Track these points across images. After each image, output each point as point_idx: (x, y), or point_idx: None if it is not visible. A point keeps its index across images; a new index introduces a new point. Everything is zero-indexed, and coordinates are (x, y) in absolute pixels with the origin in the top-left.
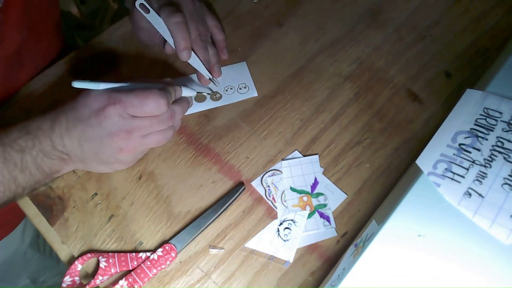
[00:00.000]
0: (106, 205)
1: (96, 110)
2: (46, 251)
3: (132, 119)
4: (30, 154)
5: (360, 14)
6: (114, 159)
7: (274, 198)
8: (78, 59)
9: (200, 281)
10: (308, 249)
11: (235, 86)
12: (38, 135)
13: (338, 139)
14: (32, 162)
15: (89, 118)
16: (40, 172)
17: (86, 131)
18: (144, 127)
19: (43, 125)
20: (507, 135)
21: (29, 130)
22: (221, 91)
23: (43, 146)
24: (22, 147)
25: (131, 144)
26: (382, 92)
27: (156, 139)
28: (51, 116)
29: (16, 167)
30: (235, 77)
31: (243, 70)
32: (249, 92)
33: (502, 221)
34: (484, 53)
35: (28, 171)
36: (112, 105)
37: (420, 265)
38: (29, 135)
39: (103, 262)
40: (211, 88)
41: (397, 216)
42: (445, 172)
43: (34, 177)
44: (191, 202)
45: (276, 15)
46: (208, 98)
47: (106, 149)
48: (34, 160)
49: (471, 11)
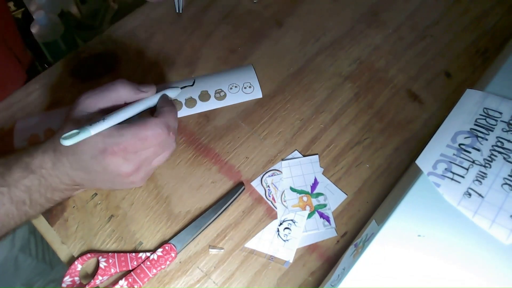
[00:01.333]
0: (106, 205)
1: (95, 156)
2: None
3: (135, 155)
4: (38, 192)
5: (360, 14)
6: (126, 186)
7: (274, 198)
8: (78, 59)
9: (200, 281)
10: (308, 249)
11: (240, 85)
12: (43, 174)
13: (338, 139)
14: (41, 197)
15: (91, 163)
16: (51, 202)
17: (93, 173)
18: (149, 157)
19: (45, 164)
20: (507, 135)
21: (32, 169)
22: (226, 89)
23: (50, 183)
24: (28, 187)
25: (141, 175)
26: (382, 92)
27: (164, 158)
28: (50, 156)
29: (24, 205)
30: (240, 76)
31: (249, 71)
32: (254, 93)
33: (502, 221)
34: (484, 53)
35: (38, 205)
36: (110, 151)
37: (420, 265)
38: (34, 175)
39: (103, 262)
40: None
41: (397, 216)
42: (445, 172)
43: (45, 207)
44: (191, 202)
45: (276, 15)
46: (213, 97)
47: (118, 183)
48: (43, 196)
49: (471, 11)
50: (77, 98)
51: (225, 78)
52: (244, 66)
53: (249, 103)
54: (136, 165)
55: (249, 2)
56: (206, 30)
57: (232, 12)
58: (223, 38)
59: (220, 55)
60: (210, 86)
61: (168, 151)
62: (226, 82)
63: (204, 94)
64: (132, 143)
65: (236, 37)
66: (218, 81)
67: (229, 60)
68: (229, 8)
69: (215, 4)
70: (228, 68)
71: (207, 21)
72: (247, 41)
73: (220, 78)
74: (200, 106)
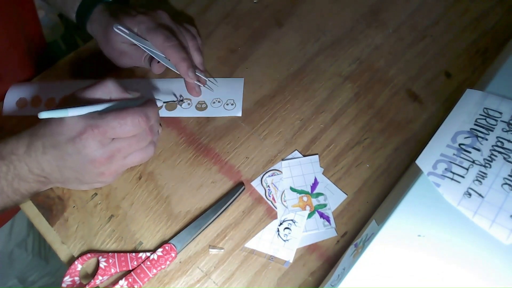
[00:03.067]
0: (106, 205)
1: (72, 138)
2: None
3: (111, 143)
4: (5, 179)
5: (360, 14)
6: (94, 180)
7: (274, 198)
8: (78, 59)
9: (200, 281)
10: (308, 249)
11: (223, 101)
12: (13, 160)
13: (338, 139)
14: (8, 186)
15: (66, 146)
16: (18, 195)
17: (64, 158)
18: (124, 148)
19: (17, 150)
20: (507, 135)
21: (2, 155)
22: (209, 103)
23: (18, 171)
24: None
25: (113, 168)
26: (382, 92)
27: (139, 157)
28: (25, 140)
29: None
30: (226, 91)
31: (237, 86)
32: (234, 110)
33: (502, 221)
34: (484, 53)
35: (5, 194)
36: (89, 132)
37: (420, 265)
38: (3, 161)
39: (103, 262)
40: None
41: (397, 216)
42: (445, 172)
43: (12, 199)
44: (191, 202)
45: (276, 15)
46: (193, 106)
47: (87, 174)
48: (10, 184)
49: (471, 11)
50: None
51: (210, 90)
52: (236, 80)
53: (249, 103)
54: (109, 153)
55: (249, 2)
56: (206, 30)
57: (232, 12)
58: (223, 38)
59: (220, 55)
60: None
61: (145, 153)
62: (211, 95)
63: (187, 101)
64: (111, 127)
65: (236, 37)
66: (204, 92)
67: (229, 60)
68: (229, 8)
69: (215, 4)
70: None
71: (207, 21)
72: (247, 41)
73: (206, 89)
74: (179, 111)
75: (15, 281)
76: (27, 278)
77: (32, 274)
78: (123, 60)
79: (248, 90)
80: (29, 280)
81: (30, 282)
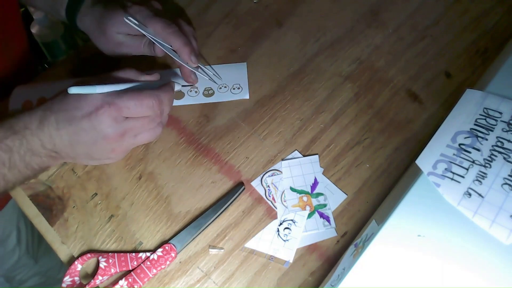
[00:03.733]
0: (106, 205)
1: (89, 113)
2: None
3: (125, 121)
4: (18, 153)
5: (360, 14)
6: (105, 156)
7: (274, 198)
8: (78, 59)
9: (200, 281)
10: (308, 249)
11: (229, 85)
12: (26, 135)
13: (338, 139)
14: (21, 161)
15: (81, 121)
16: (29, 169)
17: (78, 133)
18: (136, 127)
19: (30, 124)
20: (507, 135)
21: (15, 129)
22: (215, 88)
23: (31, 145)
24: (10, 147)
25: (124, 145)
26: (382, 92)
27: (147, 137)
28: (38, 115)
29: (4, 166)
30: (231, 76)
31: (241, 71)
32: (242, 93)
33: (502, 221)
34: (484, 53)
35: (16, 169)
36: (106, 108)
37: (420, 265)
38: (16, 135)
39: (103, 262)
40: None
41: (397, 216)
42: (445, 172)
43: (23, 174)
44: (191, 202)
45: (276, 15)
46: (200, 93)
47: (98, 149)
48: (22, 159)
49: (471, 11)
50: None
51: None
52: (238, 65)
53: (249, 103)
54: (122, 130)
55: (249, 2)
56: (206, 30)
57: (232, 12)
58: (223, 38)
59: (220, 55)
60: (200, 83)
61: (154, 132)
62: (217, 81)
63: (194, 89)
64: (127, 106)
65: (236, 37)
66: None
67: (229, 60)
68: (229, 8)
69: (215, 4)
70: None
71: (207, 21)
72: (247, 41)
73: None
74: (186, 99)
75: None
76: (15, 277)
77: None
78: (121, 50)
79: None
80: (17, 279)
81: (17, 281)
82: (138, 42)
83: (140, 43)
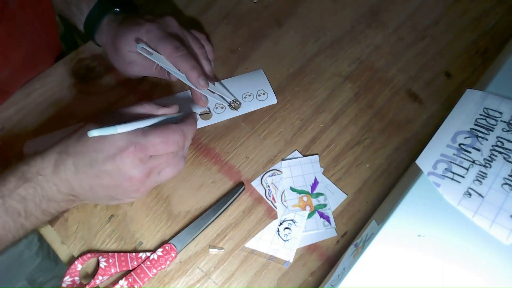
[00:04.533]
0: (106, 205)
1: (113, 155)
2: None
3: (150, 160)
4: (33, 202)
5: (360, 14)
6: (127, 196)
7: (274, 198)
8: (78, 59)
9: (200, 281)
10: (308, 249)
11: (253, 93)
12: (40, 181)
13: (338, 139)
14: (37, 209)
15: (104, 164)
16: (47, 215)
17: (101, 176)
18: (160, 165)
19: (44, 170)
20: (507, 135)
21: (27, 177)
22: (240, 99)
23: (46, 192)
24: (23, 196)
25: (148, 184)
26: (382, 92)
27: (170, 173)
28: (53, 159)
29: (20, 216)
30: (253, 84)
31: (260, 77)
32: (269, 99)
33: (502, 221)
34: (484, 53)
35: (33, 217)
36: (131, 149)
37: (420, 265)
38: (29, 183)
39: (103, 262)
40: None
41: (397, 216)
42: (445, 172)
43: (41, 220)
44: (191, 202)
45: (276, 15)
46: (227, 108)
47: (122, 191)
48: (38, 207)
49: (471, 11)
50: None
51: (238, 87)
52: (255, 72)
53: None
54: (147, 170)
55: (249, 2)
56: (206, 30)
57: (232, 12)
58: (223, 38)
59: (220, 55)
60: (224, 96)
61: (177, 168)
62: (239, 91)
63: (219, 105)
64: (153, 144)
65: (236, 37)
66: (232, 91)
67: (229, 60)
68: (229, 8)
69: (215, 4)
70: (223, 72)
71: (207, 21)
72: (247, 41)
73: (233, 87)
74: (215, 117)
75: (24, 282)
76: (36, 279)
77: (41, 275)
78: (133, 69)
79: None
80: (38, 281)
81: (39, 283)
82: (150, 63)
83: (152, 64)
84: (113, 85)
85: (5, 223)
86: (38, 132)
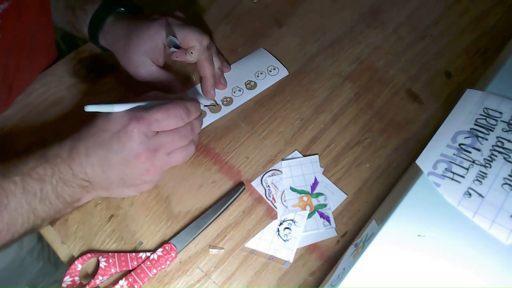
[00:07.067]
0: (106, 205)
1: (117, 132)
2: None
3: (155, 137)
4: (50, 183)
5: (360, 14)
6: (140, 180)
7: (274, 198)
8: (78, 59)
9: (200, 281)
10: (308, 249)
11: (264, 70)
12: (57, 163)
13: (338, 139)
14: (52, 191)
15: (110, 142)
16: (61, 201)
17: (109, 156)
18: (167, 143)
19: (62, 153)
20: (507, 135)
21: (47, 158)
22: (253, 78)
23: (63, 174)
24: (41, 176)
25: (158, 164)
26: (382, 92)
27: (181, 156)
28: (68, 144)
29: (35, 197)
30: (259, 63)
31: (264, 54)
32: (280, 73)
33: (502, 221)
34: (484, 53)
35: (48, 200)
36: (135, 123)
37: (420, 265)
38: (48, 163)
39: (103, 262)
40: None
41: (397, 216)
42: (445, 172)
43: (54, 207)
44: (191, 202)
45: (276, 15)
46: (245, 89)
47: (132, 171)
48: (54, 189)
49: (471, 11)
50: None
51: (247, 68)
52: (257, 52)
53: (249, 103)
54: (154, 146)
55: (249, 2)
56: (206, 30)
57: (232, 12)
58: (223, 38)
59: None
60: (238, 80)
61: (187, 151)
62: (251, 71)
63: (236, 89)
64: (155, 118)
65: (236, 37)
66: (243, 73)
67: (229, 60)
68: (229, 8)
69: (215, 4)
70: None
71: (207, 21)
72: (247, 41)
73: (243, 70)
74: (237, 101)
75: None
76: (38, 284)
77: (42, 280)
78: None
79: None
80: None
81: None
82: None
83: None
84: (113, 85)
85: (18, 204)
86: (38, 132)
